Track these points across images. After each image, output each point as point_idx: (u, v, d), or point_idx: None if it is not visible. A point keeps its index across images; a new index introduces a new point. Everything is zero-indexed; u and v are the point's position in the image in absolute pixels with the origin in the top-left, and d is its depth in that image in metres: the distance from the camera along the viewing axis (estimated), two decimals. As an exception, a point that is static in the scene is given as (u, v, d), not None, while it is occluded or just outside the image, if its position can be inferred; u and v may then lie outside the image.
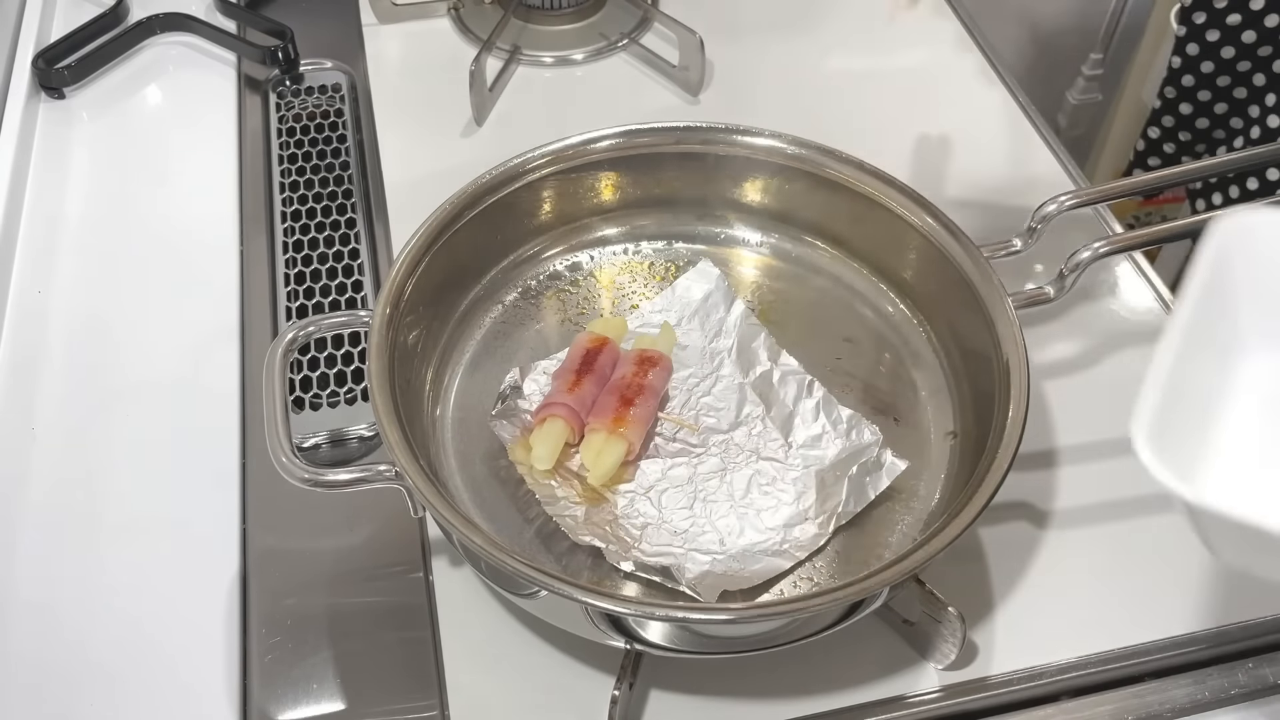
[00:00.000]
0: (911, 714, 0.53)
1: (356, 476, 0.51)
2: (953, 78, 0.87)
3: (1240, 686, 0.54)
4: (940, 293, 0.62)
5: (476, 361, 0.63)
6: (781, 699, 0.53)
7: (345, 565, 0.58)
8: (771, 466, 0.58)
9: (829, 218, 0.67)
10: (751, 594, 0.54)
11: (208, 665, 0.54)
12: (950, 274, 0.60)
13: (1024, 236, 0.62)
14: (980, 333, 0.58)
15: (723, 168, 0.67)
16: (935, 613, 0.52)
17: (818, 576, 0.54)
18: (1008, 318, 0.56)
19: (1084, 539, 0.59)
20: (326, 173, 0.78)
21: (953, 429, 0.60)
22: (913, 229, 0.62)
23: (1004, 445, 0.51)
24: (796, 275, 0.68)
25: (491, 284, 0.66)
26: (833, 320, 0.66)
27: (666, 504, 0.56)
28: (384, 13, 0.91)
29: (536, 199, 0.66)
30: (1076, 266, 0.60)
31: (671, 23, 0.85)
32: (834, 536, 0.55)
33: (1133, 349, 0.68)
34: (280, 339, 0.55)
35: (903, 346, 0.64)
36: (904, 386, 0.62)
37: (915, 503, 0.57)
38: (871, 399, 0.62)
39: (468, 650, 0.55)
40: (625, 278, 0.68)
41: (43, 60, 0.82)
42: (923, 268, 0.63)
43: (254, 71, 0.86)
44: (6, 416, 0.64)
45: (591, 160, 0.66)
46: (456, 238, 0.61)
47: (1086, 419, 0.64)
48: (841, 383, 0.62)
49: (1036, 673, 0.54)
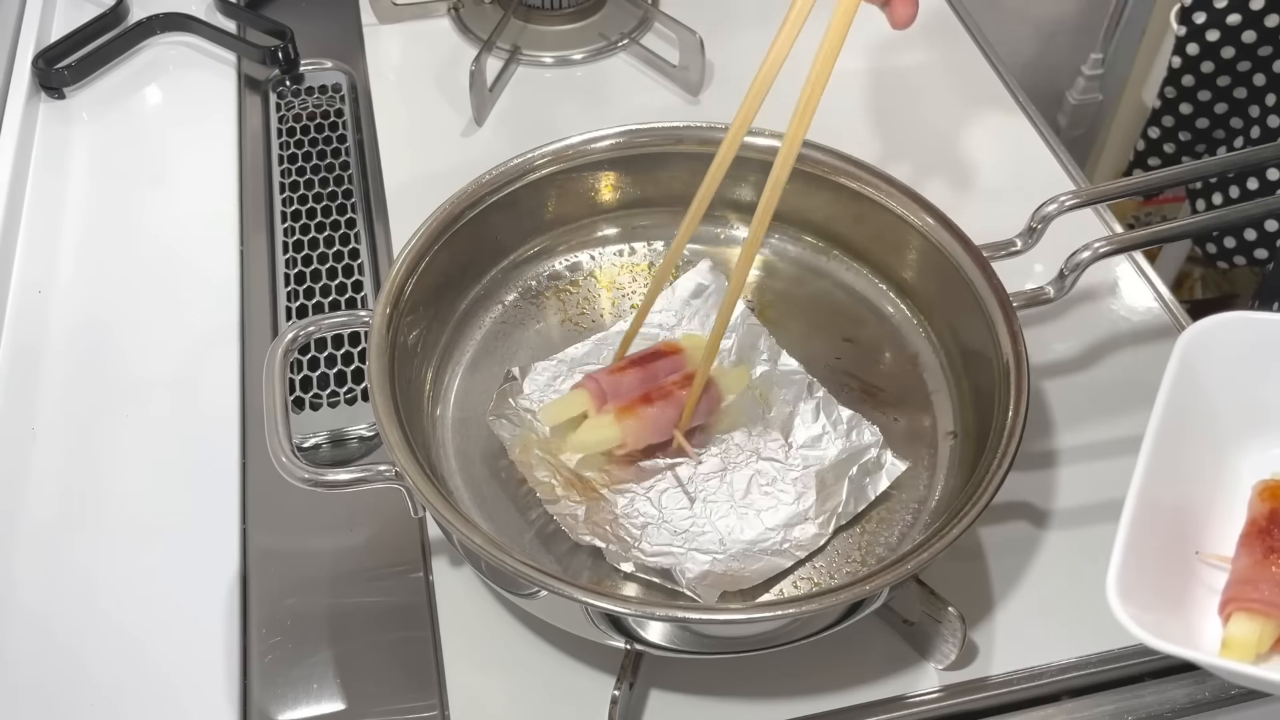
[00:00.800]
0: (911, 714, 0.53)
1: (357, 476, 0.51)
2: (953, 78, 0.87)
3: (1240, 686, 0.54)
4: (940, 293, 0.62)
5: (476, 361, 0.63)
6: (781, 699, 0.53)
7: (345, 565, 0.58)
8: (771, 466, 0.58)
9: (829, 218, 0.67)
10: (752, 594, 0.54)
11: (208, 665, 0.54)
12: (950, 274, 0.60)
13: (1024, 236, 0.62)
14: (980, 333, 0.58)
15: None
16: (935, 613, 0.52)
17: (817, 576, 0.54)
18: (1008, 318, 0.56)
19: (1084, 539, 0.59)
20: (326, 173, 0.78)
21: (953, 429, 0.60)
22: (913, 229, 0.62)
23: (1004, 445, 0.51)
24: (796, 275, 0.68)
25: (491, 284, 0.66)
26: (833, 320, 0.66)
27: (667, 504, 0.56)
28: (384, 13, 0.91)
29: (536, 199, 0.66)
30: (1077, 266, 0.60)
31: (671, 23, 0.85)
32: (834, 537, 0.55)
33: (1133, 349, 0.68)
34: (280, 339, 0.55)
35: (903, 347, 0.64)
36: (904, 386, 0.62)
37: (916, 503, 0.57)
38: (871, 399, 0.62)
39: (468, 650, 0.55)
40: (625, 277, 0.68)
41: (43, 60, 0.82)
42: (923, 268, 0.63)
43: (254, 71, 0.86)
44: (6, 416, 0.64)
45: (592, 160, 0.66)
46: (456, 237, 0.61)
47: (1086, 419, 0.64)
48: (841, 383, 0.62)
49: (1036, 673, 0.54)
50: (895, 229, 0.63)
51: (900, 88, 0.87)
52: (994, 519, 0.59)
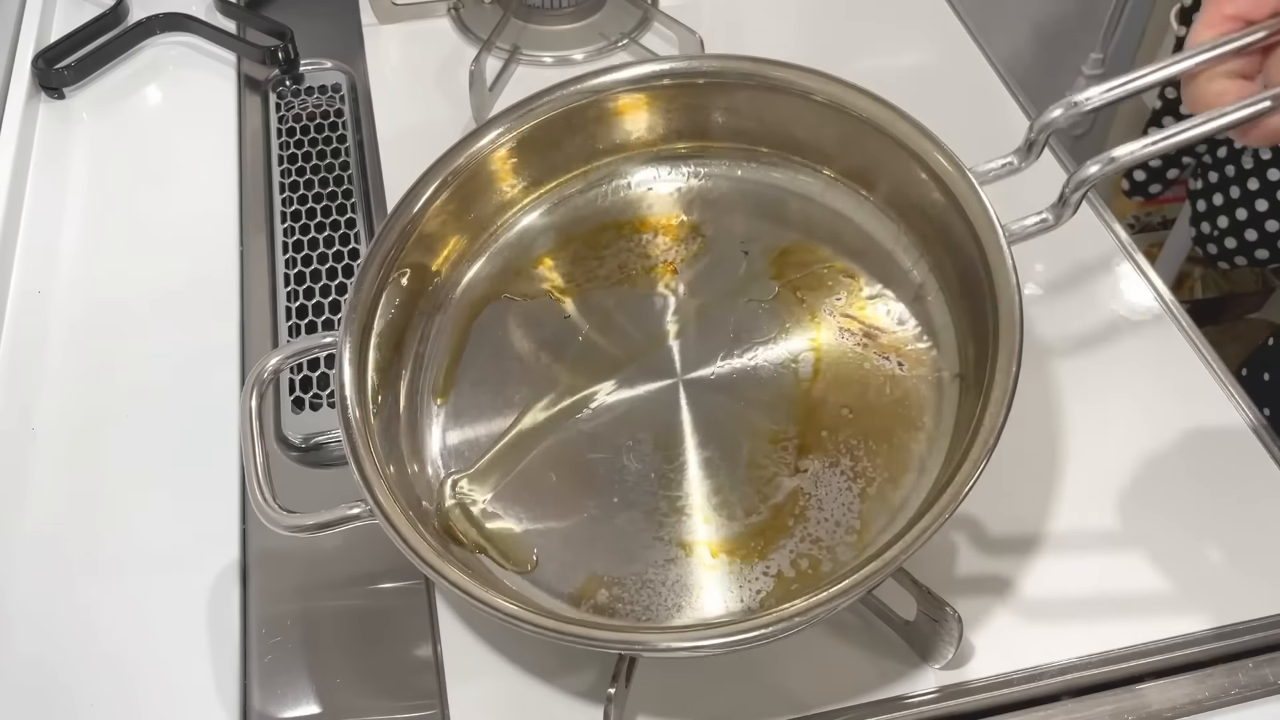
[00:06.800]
0: (911, 714, 0.53)
1: (333, 519, 0.50)
2: (953, 78, 0.87)
3: (1240, 686, 0.54)
4: (934, 223, 0.60)
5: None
6: (781, 699, 0.53)
7: (345, 566, 0.58)
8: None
9: (816, 138, 0.65)
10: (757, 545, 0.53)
11: (207, 665, 0.54)
12: (942, 204, 0.58)
13: (1020, 154, 0.57)
14: (975, 269, 0.55)
15: (706, 93, 0.65)
16: (933, 612, 0.52)
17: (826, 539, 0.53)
18: (1001, 251, 0.53)
19: (1084, 539, 0.59)
20: (326, 173, 0.79)
21: (959, 371, 0.57)
22: (904, 151, 0.60)
23: (981, 438, 0.48)
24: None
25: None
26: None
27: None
28: (384, 13, 0.91)
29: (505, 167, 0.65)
30: (1081, 184, 0.52)
31: (671, 23, 0.85)
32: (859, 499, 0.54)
33: (1132, 349, 0.68)
34: (250, 380, 0.54)
35: (903, 284, 0.61)
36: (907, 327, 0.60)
37: (932, 454, 0.55)
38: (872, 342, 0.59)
39: (468, 650, 0.55)
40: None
41: (43, 60, 0.82)
42: (921, 195, 0.60)
43: (254, 71, 0.86)
44: (6, 416, 0.64)
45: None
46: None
47: (1086, 419, 0.64)
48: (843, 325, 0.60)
49: (1036, 673, 0.54)
50: (889, 153, 0.61)
51: (900, 88, 0.87)
52: (992, 519, 0.59)
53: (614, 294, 0.64)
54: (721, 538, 0.54)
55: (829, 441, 0.56)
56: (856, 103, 0.62)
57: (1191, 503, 0.60)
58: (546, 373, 0.60)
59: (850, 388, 0.58)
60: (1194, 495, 0.60)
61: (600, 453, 0.57)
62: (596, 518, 0.55)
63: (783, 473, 0.56)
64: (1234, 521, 0.59)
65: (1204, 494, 0.60)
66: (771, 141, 0.67)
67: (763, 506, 0.55)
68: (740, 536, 0.54)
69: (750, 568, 0.53)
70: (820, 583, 0.50)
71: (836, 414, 0.57)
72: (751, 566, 0.53)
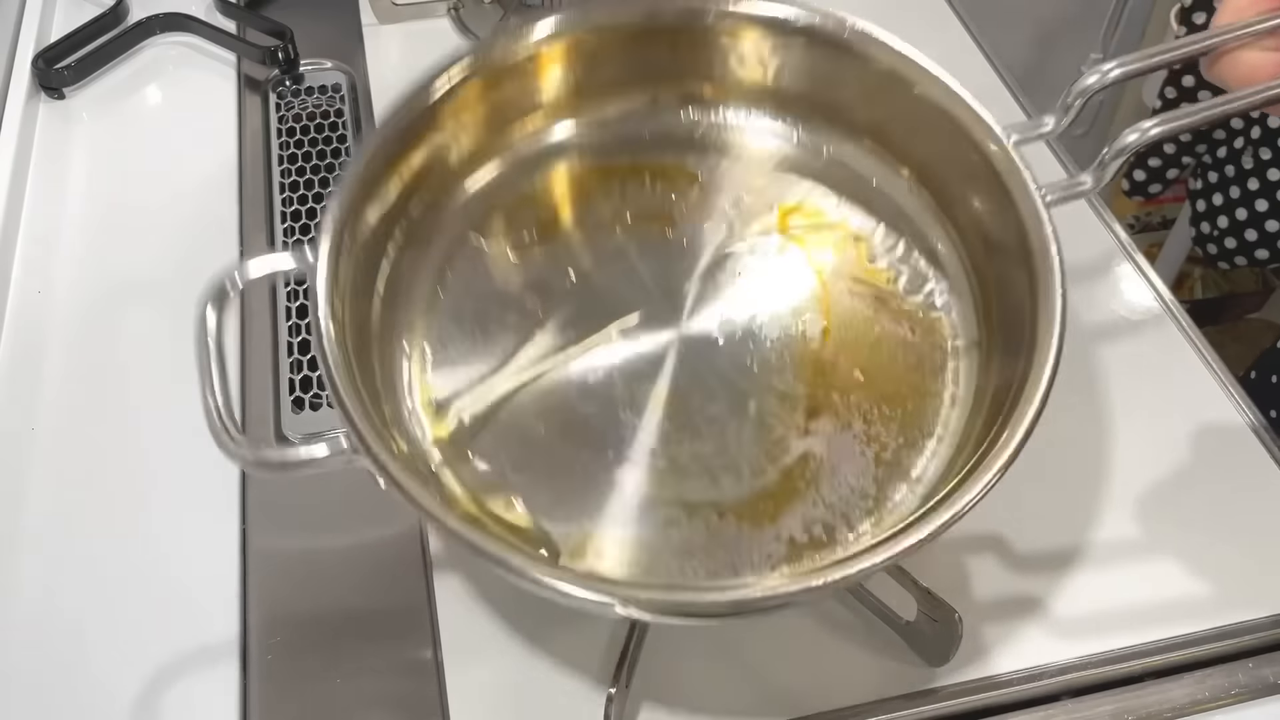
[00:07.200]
0: (910, 714, 0.53)
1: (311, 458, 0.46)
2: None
3: (1240, 686, 0.54)
4: (959, 185, 0.58)
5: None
6: (781, 699, 0.53)
7: (345, 565, 0.58)
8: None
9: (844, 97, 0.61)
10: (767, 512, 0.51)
11: (207, 665, 0.54)
12: (974, 162, 0.55)
13: (1057, 114, 0.56)
14: (1005, 233, 0.53)
15: (714, 43, 0.61)
16: (933, 612, 0.52)
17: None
18: (1037, 213, 0.51)
19: (1083, 539, 0.59)
20: (326, 173, 0.78)
21: (976, 338, 0.56)
22: (935, 108, 0.58)
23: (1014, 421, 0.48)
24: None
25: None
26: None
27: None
28: (384, 13, 0.91)
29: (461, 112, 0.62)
30: (1121, 151, 0.52)
31: (671, 23, 0.85)
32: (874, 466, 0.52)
33: (1132, 349, 0.68)
34: (206, 291, 0.50)
35: (919, 242, 0.59)
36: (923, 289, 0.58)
37: (951, 422, 0.54)
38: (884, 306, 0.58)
39: (468, 650, 0.55)
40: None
41: (43, 60, 0.82)
42: (945, 154, 0.58)
43: (254, 71, 0.86)
44: (6, 416, 0.64)
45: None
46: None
47: (1084, 419, 0.64)
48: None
49: (1036, 673, 0.54)
50: (918, 110, 0.58)
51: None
52: (990, 519, 0.59)
53: (615, 239, 0.60)
54: (729, 499, 0.51)
55: (840, 404, 0.54)
56: (879, 54, 0.59)
57: (1190, 503, 0.60)
58: (536, 316, 0.57)
59: (861, 350, 0.56)
60: (1193, 495, 0.60)
61: (594, 405, 0.54)
62: (590, 474, 0.51)
63: (792, 434, 0.53)
64: (1233, 522, 0.59)
65: (1203, 494, 0.60)
66: (791, 96, 0.62)
67: (771, 468, 0.51)
68: (749, 499, 0.51)
69: (760, 531, 0.50)
70: (835, 550, 0.48)
71: (848, 376, 0.55)
72: (761, 530, 0.50)
